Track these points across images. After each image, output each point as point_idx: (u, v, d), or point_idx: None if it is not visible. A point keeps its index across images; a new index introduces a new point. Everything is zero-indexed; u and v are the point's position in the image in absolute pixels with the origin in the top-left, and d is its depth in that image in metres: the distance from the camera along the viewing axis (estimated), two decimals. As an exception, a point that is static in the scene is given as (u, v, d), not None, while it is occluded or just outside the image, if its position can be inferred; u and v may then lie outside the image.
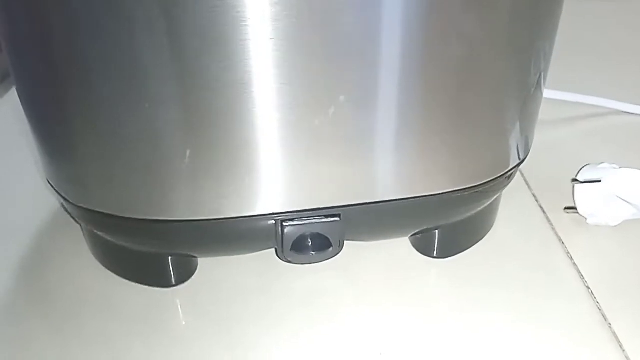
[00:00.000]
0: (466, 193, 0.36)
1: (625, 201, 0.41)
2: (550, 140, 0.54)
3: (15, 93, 0.33)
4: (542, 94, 0.38)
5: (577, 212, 0.43)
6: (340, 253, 0.35)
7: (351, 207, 0.33)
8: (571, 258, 0.41)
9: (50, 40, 0.28)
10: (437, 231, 0.39)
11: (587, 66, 0.66)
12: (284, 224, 0.33)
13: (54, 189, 0.35)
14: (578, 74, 0.63)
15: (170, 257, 0.37)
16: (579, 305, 0.37)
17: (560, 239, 0.42)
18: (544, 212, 0.45)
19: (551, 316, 0.36)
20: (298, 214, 0.33)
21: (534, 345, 0.34)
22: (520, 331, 0.35)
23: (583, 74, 0.64)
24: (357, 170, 0.32)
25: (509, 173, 0.38)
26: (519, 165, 0.39)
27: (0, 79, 0.55)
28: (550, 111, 0.56)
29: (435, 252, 0.40)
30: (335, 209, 0.33)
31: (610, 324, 0.36)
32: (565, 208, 0.44)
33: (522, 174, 0.49)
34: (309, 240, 0.34)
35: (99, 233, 0.36)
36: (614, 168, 0.42)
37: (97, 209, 0.33)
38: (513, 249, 0.41)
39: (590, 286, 0.38)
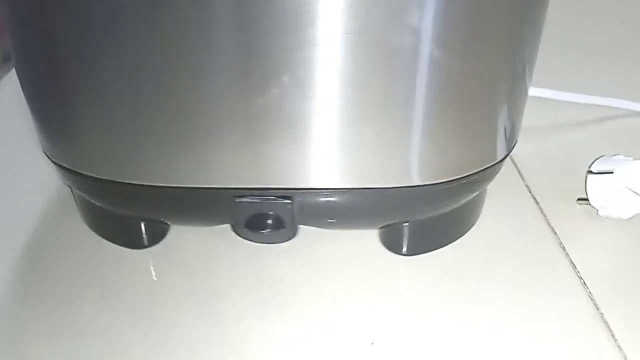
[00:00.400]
0: (434, 189, 0.36)
1: (637, 194, 0.40)
2: (555, 140, 0.53)
3: (15, 76, 0.35)
4: (527, 86, 0.37)
5: (589, 204, 0.43)
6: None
7: (303, 191, 0.34)
8: (564, 248, 0.41)
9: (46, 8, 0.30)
10: (405, 226, 0.39)
11: (594, 66, 0.65)
12: (237, 199, 0.34)
13: (45, 154, 0.38)
14: (585, 74, 0.62)
15: (142, 222, 0.39)
16: (573, 299, 0.37)
17: (553, 230, 0.42)
18: (537, 202, 0.45)
19: (545, 308, 0.36)
20: (251, 191, 0.34)
21: (527, 336, 0.35)
22: (513, 324, 0.35)
23: (590, 74, 0.63)
24: (309, 154, 0.33)
25: (487, 170, 0.37)
26: (500, 162, 0.38)
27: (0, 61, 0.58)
28: (557, 112, 0.55)
29: (403, 248, 0.40)
30: (287, 191, 0.34)
31: (602, 314, 0.36)
32: (578, 199, 0.44)
33: (520, 172, 0.48)
34: (262, 219, 0.35)
35: (81, 194, 0.39)
36: (628, 160, 0.42)
37: (77, 170, 0.36)
38: (506, 243, 0.41)
39: (582, 276, 0.38)
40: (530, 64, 0.36)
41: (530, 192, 0.46)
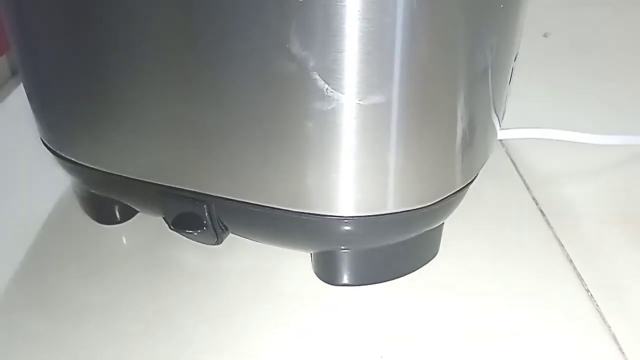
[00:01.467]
0: (359, 220, 0.35)
1: None
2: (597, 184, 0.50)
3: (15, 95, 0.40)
4: (491, 110, 0.36)
5: None
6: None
7: (217, 199, 0.36)
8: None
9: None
10: (338, 254, 0.38)
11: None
12: (162, 195, 0.37)
13: (42, 141, 0.42)
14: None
15: (116, 205, 0.44)
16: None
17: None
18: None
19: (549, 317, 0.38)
20: (173, 190, 0.36)
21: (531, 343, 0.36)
22: (516, 331, 0.37)
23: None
24: (222, 165, 0.34)
25: (430, 207, 0.35)
26: (449, 197, 0.36)
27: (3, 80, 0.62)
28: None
29: (338, 278, 0.39)
30: (201, 195, 0.36)
31: (609, 326, 0.37)
32: None
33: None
34: (184, 218, 0.37)
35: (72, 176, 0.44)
36: None
37: (63, 154, 0.40)
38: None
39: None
40: (498, 95, 0.36)
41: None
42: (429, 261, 0.41)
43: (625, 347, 0.36)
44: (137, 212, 0.44)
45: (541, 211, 0.47)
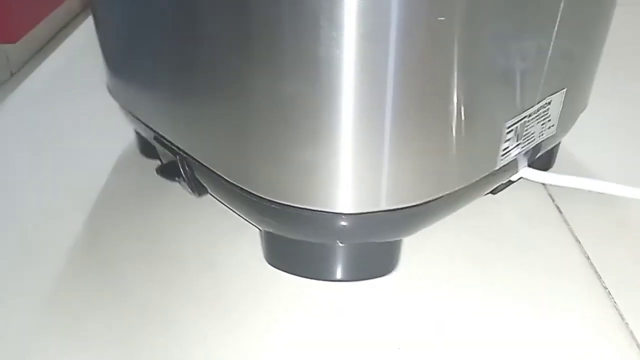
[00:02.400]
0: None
1: None
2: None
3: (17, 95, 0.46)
4: (494, 115, 0.35)
5: None
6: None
7: (186, 156, 0.40)
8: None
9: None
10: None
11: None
12: (156, 141, 0.43)
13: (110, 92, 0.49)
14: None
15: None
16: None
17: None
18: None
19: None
20: (163, 138, 0.41)
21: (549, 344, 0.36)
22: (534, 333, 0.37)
23: None
24: (192, 128, 0.38)
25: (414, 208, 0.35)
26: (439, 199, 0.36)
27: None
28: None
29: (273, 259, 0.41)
30: (175, 148, 0.40)
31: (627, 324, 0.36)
32: None
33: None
34: (166, 165, 0.43)
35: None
36: None
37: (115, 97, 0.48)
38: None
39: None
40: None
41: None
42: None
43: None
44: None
45: (558, 208, 0.45)
